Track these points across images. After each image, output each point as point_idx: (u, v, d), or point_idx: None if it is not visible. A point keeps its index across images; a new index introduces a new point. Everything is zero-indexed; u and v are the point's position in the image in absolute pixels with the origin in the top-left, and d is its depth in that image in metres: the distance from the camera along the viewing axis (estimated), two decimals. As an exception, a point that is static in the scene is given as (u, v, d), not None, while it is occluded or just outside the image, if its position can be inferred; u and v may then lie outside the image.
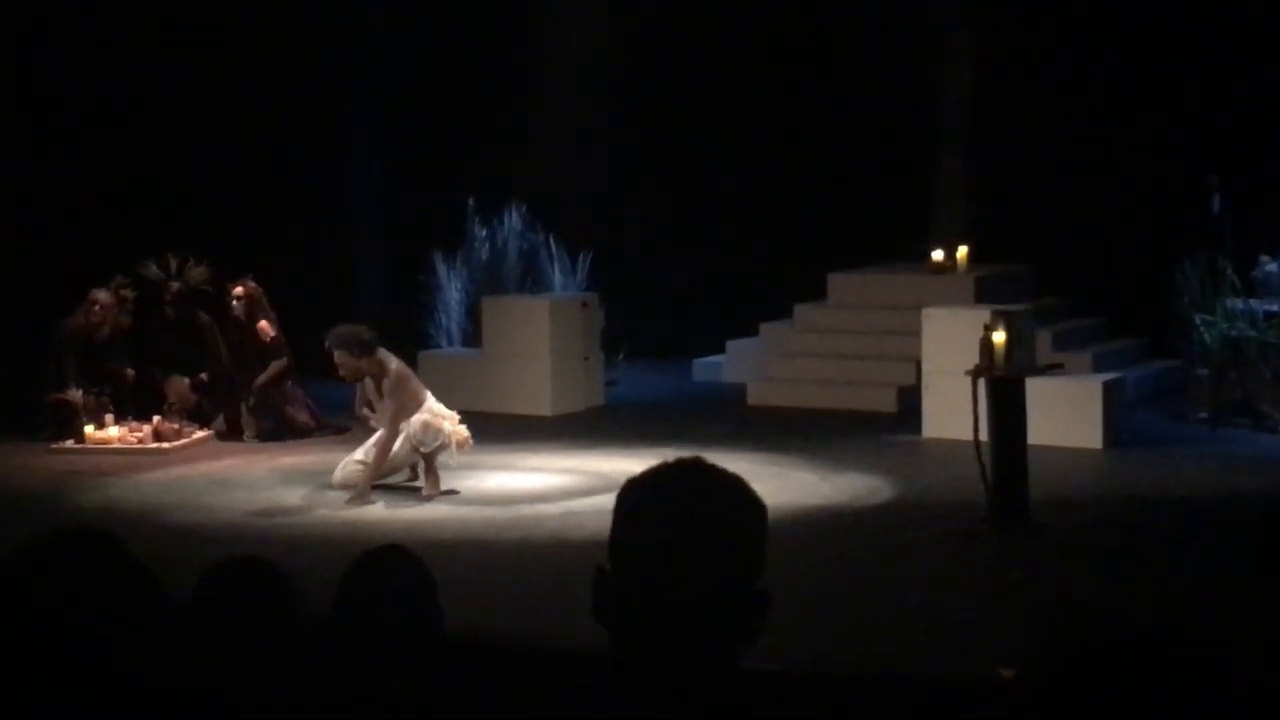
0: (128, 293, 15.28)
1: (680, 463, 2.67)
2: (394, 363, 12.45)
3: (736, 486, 2.65)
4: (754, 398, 16.23)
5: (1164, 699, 2.53)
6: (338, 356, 12.33)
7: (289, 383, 14.94)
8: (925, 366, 14.60)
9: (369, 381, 12.50)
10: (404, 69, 18.88)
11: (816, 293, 17.19)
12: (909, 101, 17.82)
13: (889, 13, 17.77)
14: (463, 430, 12.46)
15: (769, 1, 18.51)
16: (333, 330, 12.45)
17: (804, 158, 18.06)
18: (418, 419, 12.32)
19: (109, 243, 15.73)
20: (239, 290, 15.09)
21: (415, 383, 12.63)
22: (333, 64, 18.56)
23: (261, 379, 14.88)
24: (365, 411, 12.71)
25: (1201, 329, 14.73)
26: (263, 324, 15.02)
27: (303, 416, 14.89)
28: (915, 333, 14.85)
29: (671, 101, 18.64)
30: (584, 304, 16.50)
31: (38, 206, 17.05)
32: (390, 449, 12.35)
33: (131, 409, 14.87)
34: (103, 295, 15.08)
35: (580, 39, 18.84)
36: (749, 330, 17.48)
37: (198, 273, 15.40)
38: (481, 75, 18.76)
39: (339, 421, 14.60)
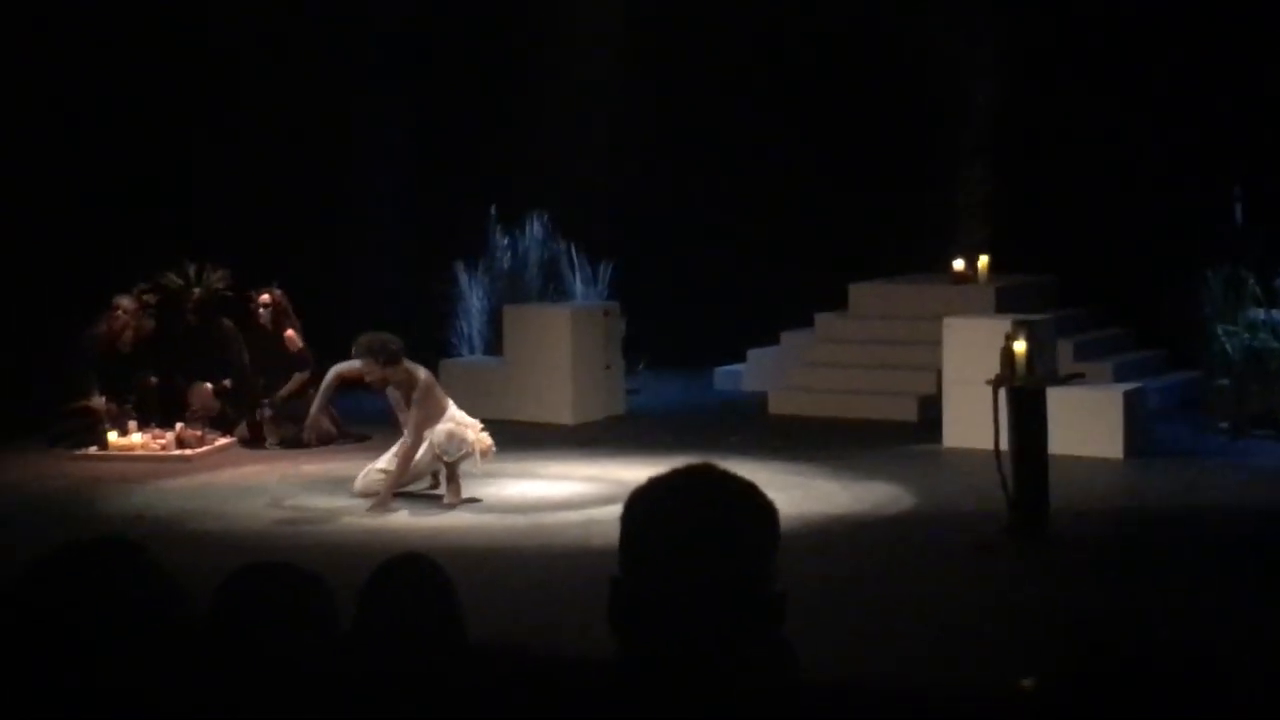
0: (150, 297, 15.31)
1: (689, 469, 2.65)
2: (422, 372, 12.47)
3: (745, 491, 2.63)
4: (775, 407, 16.23)
5: (1182, 711, 2.54)
6: (364, 365, 12.35)
7: (312, 390, 14.95)
8: (946, 376, 14.59)
9: (393, 390, 12.53)
10: (425, 76, 18.90)
11: (838, 302, 17.19)
12: (933, 111, 17.81)
13: (916, 22, 17.75)
14: (486, 439, 12.48)
15: (799, 12, 18.45)
16: (359, 338, 12.47)
17: (827, 167, 18.05)
18: (442, 428, 12.33)
19: (130, 248, 15.75)
20: (266, 298, 15.14)
21: (439, 391, 12.64)
22: (356, 73, 18.61)
23: (283, 392, 14.93)
24: (317, 419, 13.49)
25: (1223, 339, 14.70)
26: (290, 333, 15.07)
27: (325, 424, 14.90)
28: (936, 342, 14.84)
29: (694, 111, 18.65)
30: (605, 313, 16.49)
31: (59, 213, 17.06)
32: (414, 457, 12.36)
33: (155, 416, 14.90)
34: (126, 301, 15.14)
35: (600, 46, 18.88)
36: (770, 339, 17.47)
37: (217, 277, 15.43)
38: (502, 86, 18.80)
39: (361, 430, 14.65)
